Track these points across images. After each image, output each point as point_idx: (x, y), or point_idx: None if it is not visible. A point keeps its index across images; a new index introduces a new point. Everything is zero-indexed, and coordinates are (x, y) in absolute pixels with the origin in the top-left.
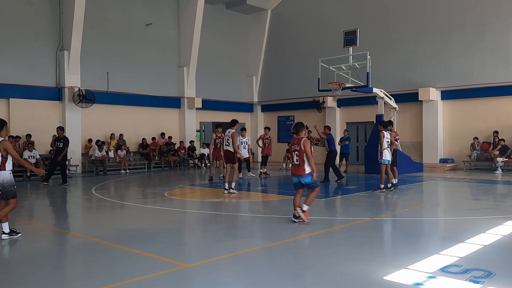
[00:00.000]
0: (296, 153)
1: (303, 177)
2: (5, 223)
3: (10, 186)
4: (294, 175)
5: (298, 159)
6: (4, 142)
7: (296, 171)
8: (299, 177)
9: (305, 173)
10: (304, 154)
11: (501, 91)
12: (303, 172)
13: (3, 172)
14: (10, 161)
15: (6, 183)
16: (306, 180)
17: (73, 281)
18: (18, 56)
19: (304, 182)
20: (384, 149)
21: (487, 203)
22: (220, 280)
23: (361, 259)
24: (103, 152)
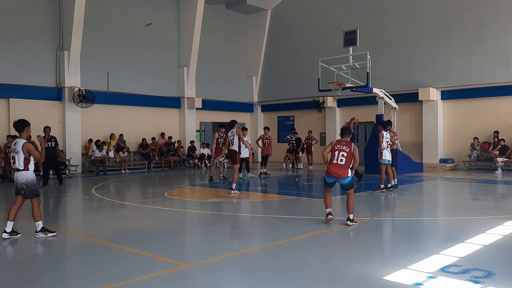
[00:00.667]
0: (344, 153)
1: (344, 178)
2: (11, 222)
3: (33, 185)
4: (332, 176)
5: (344, 160)
6: (27, 145)
7: (337, 171)
8: (338, 178)
9: (347, 175)
10: (351, 159)
11: (501, 91)
12: (346, 174)
13: (27, 172)
14: (32, 162)
15: (29, 182)
16: (345, 182)
17: (73, 281)
18: (18, 56)
19: (342, 183)
20: (384, 149)
21: (487, 203)
22: (220, 280)
23: (361, 259)
24: (103, 152)
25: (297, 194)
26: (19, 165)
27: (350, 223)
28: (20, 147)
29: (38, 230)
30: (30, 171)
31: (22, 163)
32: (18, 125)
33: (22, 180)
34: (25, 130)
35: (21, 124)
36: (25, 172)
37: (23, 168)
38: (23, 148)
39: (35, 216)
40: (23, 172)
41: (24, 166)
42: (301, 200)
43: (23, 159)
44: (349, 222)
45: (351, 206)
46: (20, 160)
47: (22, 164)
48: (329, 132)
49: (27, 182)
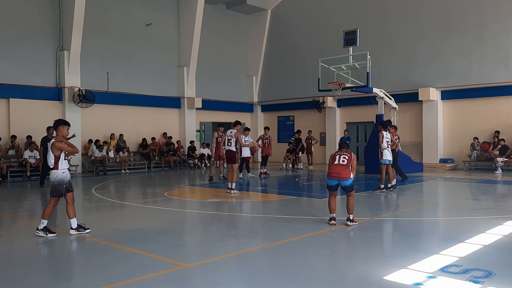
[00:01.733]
0: (345, 156)
1: (346, 180)
2: (73, 218)
3: (59, 184)
4: (334, 177)
5: (346, 161)
6: (55, 143)
7: (339, 170)
8: (340, 179)
9: (350, 177)
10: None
11: (501, 91)
12: (348, 175)
13: (56, 171)
14: (62, 160)
15: (56, 181)
16: (347, 183)
17: (73, 281)
18: (18, 56)
19: (344, 185)
20: (384, 149)
21: (487, 203)
22: (220, 280)
23: (361, 259)
24: (103, 152)
25: (297, 194)
26: (49, 163)
27: (350, 223)
28: (49, 146)
29: (40, 228)
30: (59, 170)
31: (52, 162)
32: (54, 124)
33: (51, 178)
34: (58, 129)
35: (56, 123)
36: (55, 171)
37: (53, 167)
38: (52, 147)
39: (44, 214)
40: (53, 171)
41: (54, 165)
42: (301, 200)
43: (53, 158)
44: (349, 222)
45: (351, 206)
46: (50, 159)
47: (52, 163)
48: (329, 132)
49: (54, 180)
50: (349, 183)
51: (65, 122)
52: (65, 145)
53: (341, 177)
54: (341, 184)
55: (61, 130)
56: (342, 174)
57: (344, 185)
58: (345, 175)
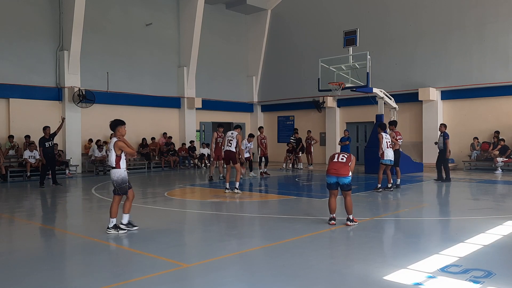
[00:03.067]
0: (344, 155)
1: (344, 177)
2: (126, 214)
3: (123, 182)
4: (333, 174)
5: (345, 159)
6: (118, 142)
7: (338, 167)
8: (339, 176)
9: (348, 174)
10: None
11: (501, 91)
12: (346, 172)
13: (118, 170)
14: (123, 159)
15: (119, 180)
16: (345, 181)
17: (73, 281)
18: (18, 56)
19: (342, 182)
20: (385, 149)
21: (487, 203)
22: (220, 280)
23: (361, 259)
24: (103, 152)
25: (297, 194)
26: (111, 162)
27: (350, 223)
28: (112, 145)
29: (110, 226)
30: (121, 169)
31: (114, 161)
32: (111, 125)
33: (113, 177)
34: (116, 129)
35: (113, 124)
36: (116, 170)
37: (114, 166)
38: (114, 146)
39: (111, 212)
40: (115, 169)
41: (115, 164)
42: (301, 200)
43: (115, 157)
44: (349, 222)
45: (349, 206)
46: (112, 158)
47: (113, 162)
48: (329, 132)
49: (117, 179)
50: (347, 181)
51: (122, 122)
52: (126, 146)
53: (339, 173)
54: (339, 182)
55: (120, 130)
56: (340, 171)
57: (342, 183)
58: (343, 172)
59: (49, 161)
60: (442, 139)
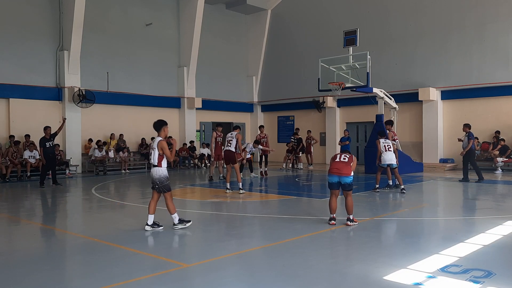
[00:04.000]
0: (346, 155)
1: (346, 176)
2: (152, 215)
3: (167, 180)
4: (335, 174)
5: (347, 158)
6: (162, 142)
7: (340, 167)
8: (341, 176)
9: (350, 174)
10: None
11: (501, 91)
12: (348, 172)
13: (160, 169)
14: (165, 159)
15: (162, 178)
16: (347, 180)
17: (73, 281)
18: (18, 56)
19: (344, 182)
20: (382, 153)
21: (487, 203)
22: (220, 280)
23: (361, 259)
24: (103, 152)
25: (297, 194)
26: (153, 161)
27: (350, 223)
28: (156, 144)
29: (176, 223)
30: (163, 167)
31: (156, 160)
32: (156, 125)
33: (156, 175)
34: (162, 129)
35: (159, 124)
36: (159, 168)
37: (157, 164)
38: (158, 145)
39: (170, 210)
40: (157, 168)
41: (157, 162)
42: (301, 200)
43: (157, 156)
44: (349, 222)
45: (350, 206)
46: (155, 157)
47: (156, 160)
48: (329, 132)
49: (160, 177)
50: (349, 181)
51: (166, 123)
52: (166, 148)
53: (341, 173)
54: (341, 182)
55: (165, 130)
56: (342, 171)
57: (344, 182)
58: (346, 171)
59: (50, 161)
60: (467, 139)
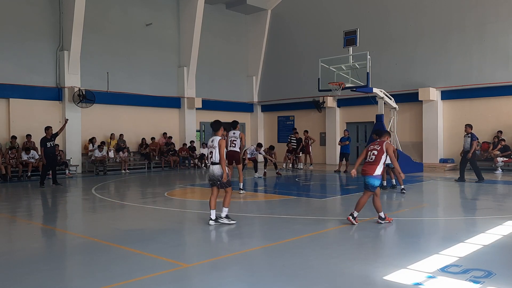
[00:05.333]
0: (374, 152)
1: (370, 177)
2: (213, 210)
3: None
4: (362, 174)
5: (374, 157)
6: (222, 141)
7: (367, 168)
8: (365, 175)
9: (374, 174)
10: (381, 156)
11: (501, 91)
12: (372, 171)
13: (219, 166)
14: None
15: (222, 174)
16: (370, 180)
17: (73, 281)
18: (18, 56)
19: (367, 182)
20: None
21: (487, 203)
22: (220, 280)
23: (361, 259)
24: (103, 152)
25: (297, 194)
26: (215, 159)
27: (381, 221)
28: (217, 143)
29: (223, 216)
30: (219, 164)
31: (219, 157)
32: (214, 125)
33: (218, 172)
34: (220, 129)
35: (217, 124)
36: (219, 166)
37: (218, 162)
38: (220, 144)
39: (225, 203)
40: (218, 165)
41: (218, 160)
42: (301, 200)
43: (219, 154)
44: (380, 220)
45: (377, 205)
46: (217, 155)
47: (218, 158)
48: (329, 132)
49: (222, 174)
50: (369, 182)
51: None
52: (224, 147)
53: (366, 173)
54: (364, 181)
55: (222, 129)
56: (367, 171)
57: (367, 182)
58: (370, 171)
59: (50, 161)
60: (470, 140)
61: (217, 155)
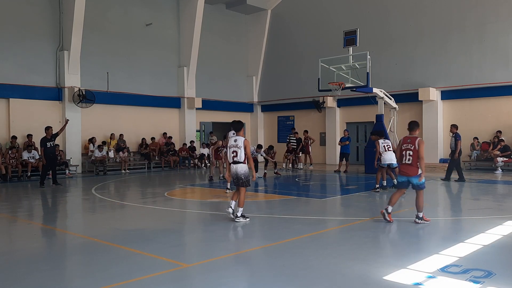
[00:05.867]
0: (410, 152)
1: (414, 177)
2: (241, 208)
3: (249, 176)
4: (403, 174)
5: (411, 158)
6: (246, 141)
7: (406, 170)
8: (408, 176)
9: (417, 174)
10: (417, 156)
11: (501, 91)
12: (414, 172)
13: (245, 165)
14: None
15: (247, 173)
16: (415, 181)
17: (73, 281)
18: (18, 56)
19: (412, 183)
20: (382, 153)
21: (487, 203)
22: (220, 280)
23: (361, 259)
24: (103, 152)
25: (297, 194)
26: (240, 158)
27: (418, 221)
28: (242, 143)
29: (239, 215)
30: (246, 164)
31: (243, 157)
32: (236, 125)
33: (242, 171)
34: (242, 129)
35: (240, 124)
36: (244, 165)
37: (242, 161)
38: (245, 144)
39: (240, 203)
40: (243, 165)
41: (244, 159)
42: (301, 200)
43: (244, 154)
44: (417, 219)
45: (419, 204)
46: (241, 154)
47: (242, 158)
48: (329, 132)
49: (245, 173)
50: (415, 182)
51: (244, 123)
52: (249, 147)
53: (409, 175)
54: (410, 181)
55: (243, 130)
56: (409, 173)
57: (412, 183)
58: (412, 173)
59: (50, 161)
60: (454, 140)
61: (243, 155)
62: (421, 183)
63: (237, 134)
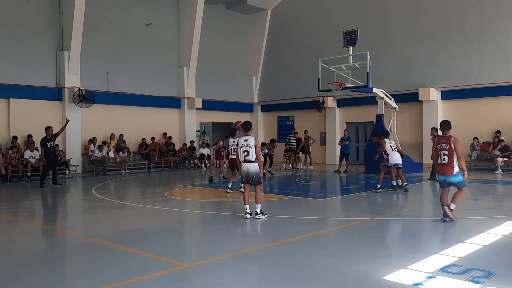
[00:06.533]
0: (445, 152)
1: (451, 176)
2: (259, 204)
3: (260, 174)
4: (440, 174)
5: (446, 158)
6: (257, 140)
7: (443, 170)
8: (445, 176)
9: (453, 173)
10: (454, 153)
11: (501, 91)
12: (450, 172)
13: (256, 164)
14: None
15: (258, 172)
16: (453, 180)
17: (73, 281)
18: (18, 56)
19: (450, 181)
20: (390, 153)
21: (487, 203)
22: (220, 280)
23: (361, 259)
24: (103, 152)
25: (297, 194)
26: (251, 157)
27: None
28: (253, 142)
29: (259, 212)
30: (256, 163)
31: (254, 156)
32: (247, 125)
33: (253, 170)
34: (251, 129)
35: (249, 124)
36: (255, 164)
37: (254, 160)
38: (255, 143)
39: (257, 200)
40: (254, 163)
41: (255, 158)
42: (301, 200)
43: (255, 153)
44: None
45: (457, 198)
46: (253, 154)
47: (254, 157)
48: (329, 132)
49: (256, 171)
50: (453, 180)
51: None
52: (259, 147)
53: (446, 174)
54: (448, 181)
55: (252, 129)
56: (446, 173)
57: (450, 181)
58: (448, 173)
59: (50, 161)
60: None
61: (254, 154)
62: (460, 181)
63: (246, 134)
